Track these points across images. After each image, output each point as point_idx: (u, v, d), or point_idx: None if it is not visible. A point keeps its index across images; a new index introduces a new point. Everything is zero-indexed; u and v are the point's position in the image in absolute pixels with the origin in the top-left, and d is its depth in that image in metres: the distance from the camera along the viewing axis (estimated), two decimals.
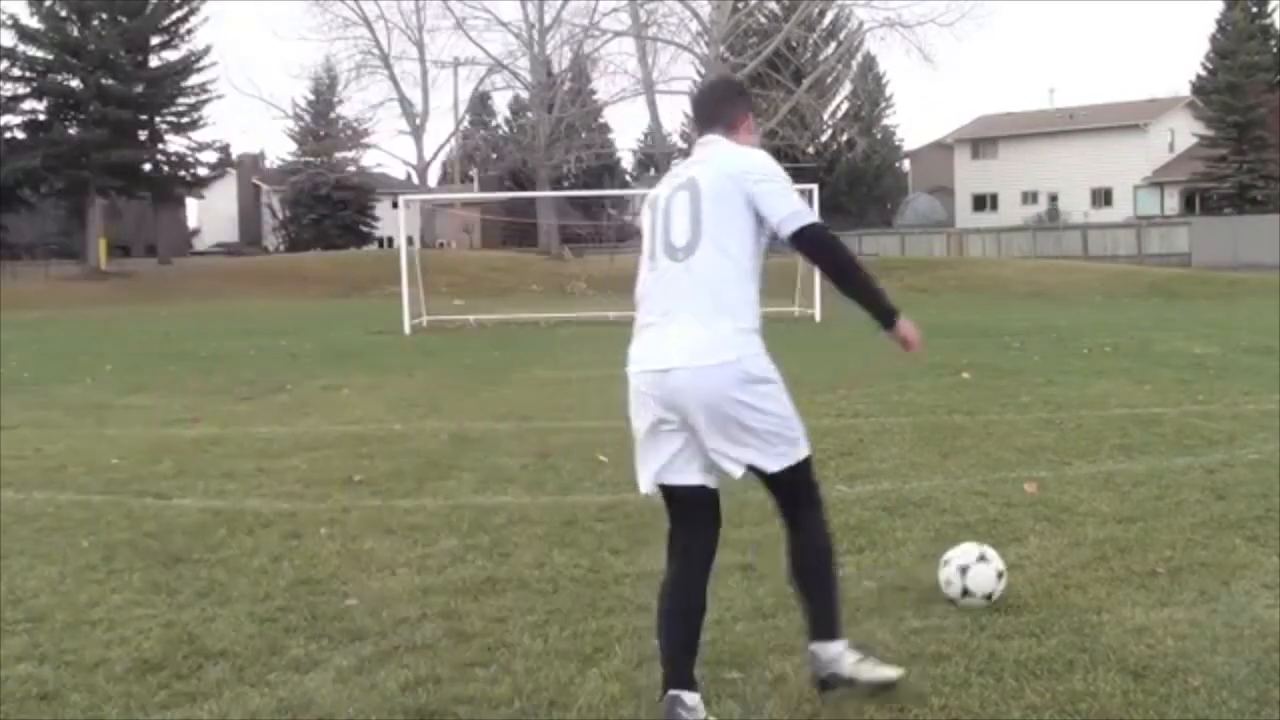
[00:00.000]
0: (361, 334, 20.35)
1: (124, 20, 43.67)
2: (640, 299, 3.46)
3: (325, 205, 56.92)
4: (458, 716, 3.51)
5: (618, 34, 49.51)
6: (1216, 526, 5.42)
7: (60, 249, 51.66)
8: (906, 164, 69.61)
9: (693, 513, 3.42)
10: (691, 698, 3.27)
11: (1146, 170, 55.14)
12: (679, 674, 3.31)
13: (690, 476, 3.36)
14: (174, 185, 47.91)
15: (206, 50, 46.13)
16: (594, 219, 58.48)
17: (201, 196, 56.86)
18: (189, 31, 46.27)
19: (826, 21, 55.08)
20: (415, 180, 56.08)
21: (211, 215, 67.13)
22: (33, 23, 42.70)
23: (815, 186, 24.75)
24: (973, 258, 44.91)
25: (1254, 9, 53.36)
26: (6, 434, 9.02)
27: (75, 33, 43.00)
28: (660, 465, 3.37)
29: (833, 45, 54.54)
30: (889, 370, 12.24)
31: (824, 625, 3.48)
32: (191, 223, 68.48)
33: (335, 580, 4.91)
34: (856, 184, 60.92)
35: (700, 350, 3.28)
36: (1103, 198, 56.05)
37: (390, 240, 56.50)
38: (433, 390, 11.60)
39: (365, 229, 58.85)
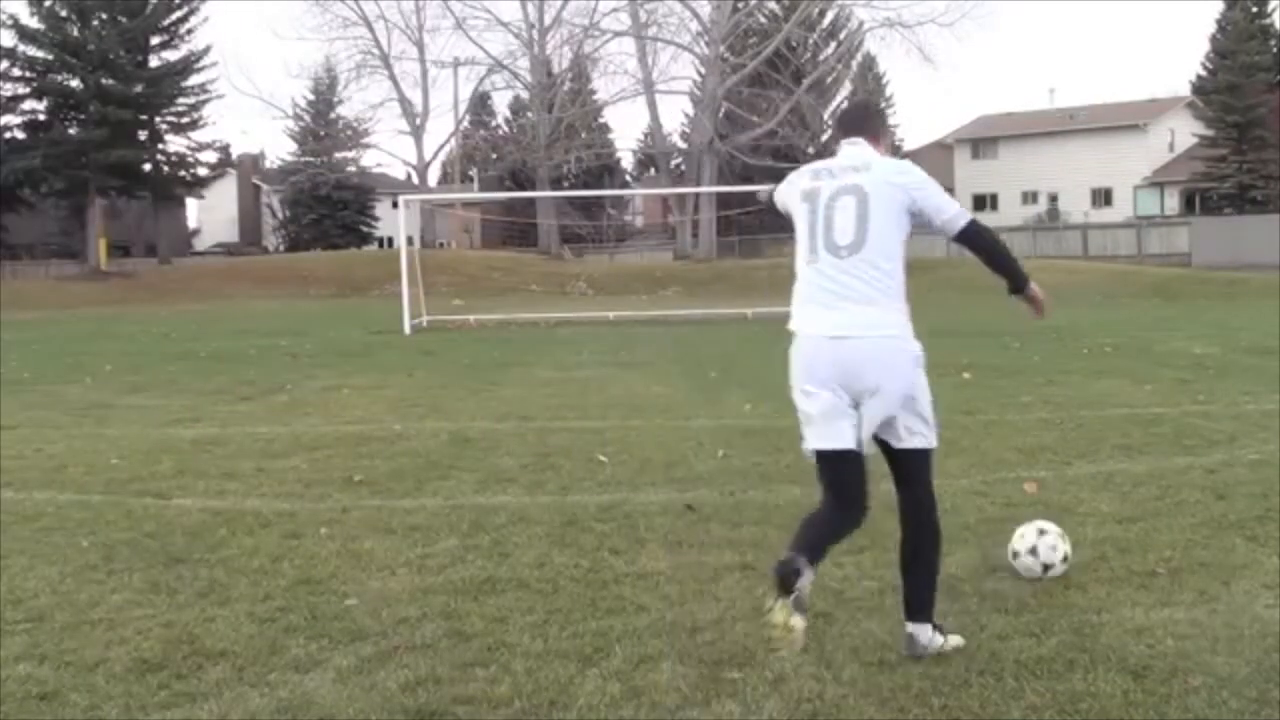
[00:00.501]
0: (361, 334, 20.35)
1: (124, 20, 43.72)
2: (803, 285, 3.91)
3: (325, 205, 56.90)
4: (458, 716, 3.51)
5: (618, 34, 49.63)
6: (1216, 526, 5.42)
7: (60, 249, 51.68)
8: None
9: (841, 472, 3.97)
10: (810, 571, 3.63)
11: (1146, 170, 55.15)
12: (813, 550, 3.71)
13: (832, 440, 3.88)
14: (174, 185, 47.98)
15: (206, 50, 46.26)
16: (594, 219, 58.52)
17: (201, 196, 56.90)
18: (189, 31, 46.39)
19: (826, 21, 55.06)
20: (415, 180, 56.11)
21: (211, 215, 67.12)
22: (33, 23, 42.76)
23: None
24: (973, 258, 44.82)
25: (1254, 9, 53.33)
26: (6, 434, 9.02)
27: (75, 33, 43.03)
28: (820, 432, 3.88)
29: (833, 45, 54.53)
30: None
31: (918, 606, 3.95)
32: (191, 223, 68.46)
33: (335, 580, 4.90)
34: None
35: (879, 326, 3.78)
36: (1103, 198, 56.06)
37: (390, 240, 56.49)
38: (433, 390, 11.60)
39: (365, 229, 58.84)
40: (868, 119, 4.14)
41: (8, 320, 25.82)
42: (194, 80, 46.09)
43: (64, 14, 43.14)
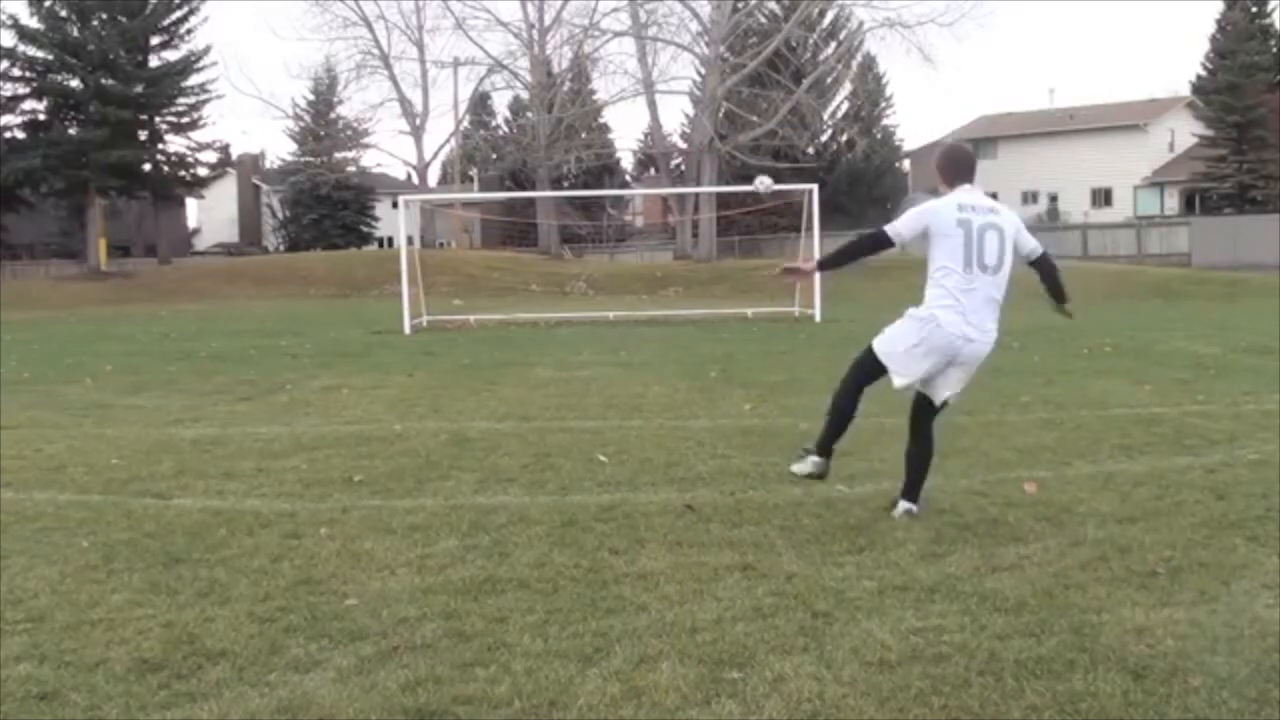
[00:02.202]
0: (361, 334, 20.35)
1: (124, 20, 43.69)
2: (956, 290, 5.48)
3: (325, 205, 56.86)
4: (458, 716, 3.52)
5: (618, 34, 49.54)
6: (1216, 526, 5.42)
7: (60, 249, 51.67)
8: (906, 164, 69.60)
9: (869, 377, 5.81)
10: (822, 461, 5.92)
11: (1146, 170, 55.17)
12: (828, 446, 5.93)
13: (904, 380, 5.68)
14: (174, 185, 47.95)
15: (206, 50, 46.21)
16: (594, 219, 58.46)
17: (201, 196, 56.86)
18: (189, 31, 46.34)
19: (826, 21, 54.99)
20: (415, 180, 56.06)
21: (211, 215, 67.10)
22: (33, 23, 42.73)
23: (815, 187, 24.74)
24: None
25: (1254, 9, 53.35)
26: (6, 434, 9.02)
27: (75, 33, 43.01)
28: (920, 378, 5.65)
29: (833, 45, 54.46)
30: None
31: (913, 488, 5.77)
32: (191, 223, 68.45)
33: (335, 580, 4.90)
34: (856, 184, 60.85)
35: (990, 334, 5.62)
36: (1103, 198, 56.09)
37: (390, 240, 56.48)
38: (433, 390, 11.59)
39: (365, 229, 58.80)
40: (974, 167, 5.80)
41: (8, 320, 25.82)
42: (194, 80, 46.07)
43: (64, 14, 43.11)
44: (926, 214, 5.54)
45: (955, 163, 5.82)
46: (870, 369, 5.73)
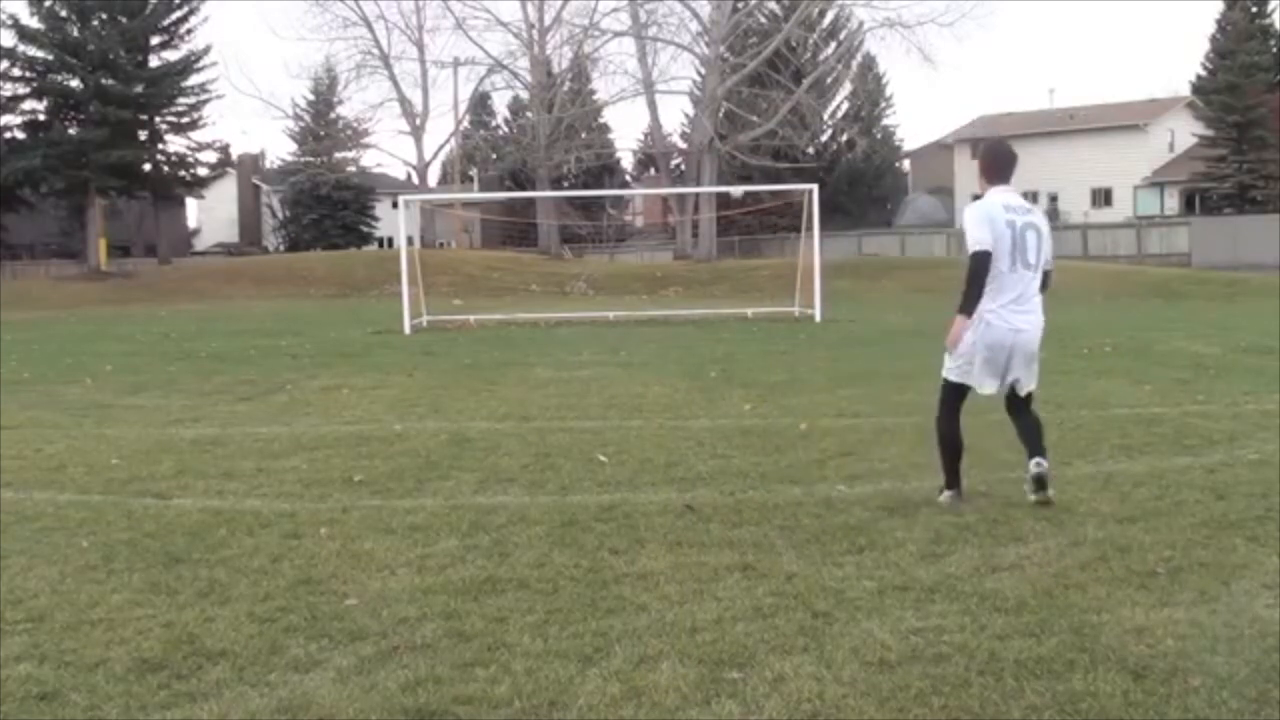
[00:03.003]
0: (361, 334, 20.35)
1: (124, 20, 43.69)
2: (1001, 287, 5.83)
3: (325, 205, 56.83)
4: (458, 716, 3.52)
5: (618, 34, 49.53)
6: (1216, 526, 5.42)
7: (60, 249, 51.68)
8: (906, 164, 69.60)
9: (963, 398, 6.12)
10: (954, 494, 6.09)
11: (1146, 170, 55.15)
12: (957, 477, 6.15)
13: (991, 387, 6.05)
14: (174, 185, 47.95)
15: (206, 50, 46.19)
16: (594, 219, 58.46)
17: (201, 196, 56.86)
18: (189, 31, 46.32)
19: (826, 21, 55.01)
20: (415, 180, 56.06)
21: (211, 215, 67.09)
22: (33, 23, 42.72)
23: (815, 187, 24.74)
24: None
25: (1254, 9, 53.32)
26: (6, 434, 9.02)
27: (75, 33, 43.00)
28: (979, 379, 5.99)
29: (833, 45, 54.48)
30: (888, 370, 12.25)
31: (1035, 448, 6.02)
32: (191, 223, 68.43)
33: (335, 580, 4.90)
34: (856, 184, 60.88)
35: (1037, 322, 5.98)
36: (1103, 198, 56.06)
37: (390, 240, 56.45)
38: (433, 390, 11.59)
39: (365, 229, 58.76)
40: (1014, 168, 6.06)
41: (8, 320, 25.82)
42: (194, 80, 46.04)
43: (64, 14, 43.10)
44: (987, 219, 5.82)
45: (998, 162, 6.09)
46: (955, 396, 6.11)
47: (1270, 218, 42.46)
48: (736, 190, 21.53)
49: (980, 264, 5.80)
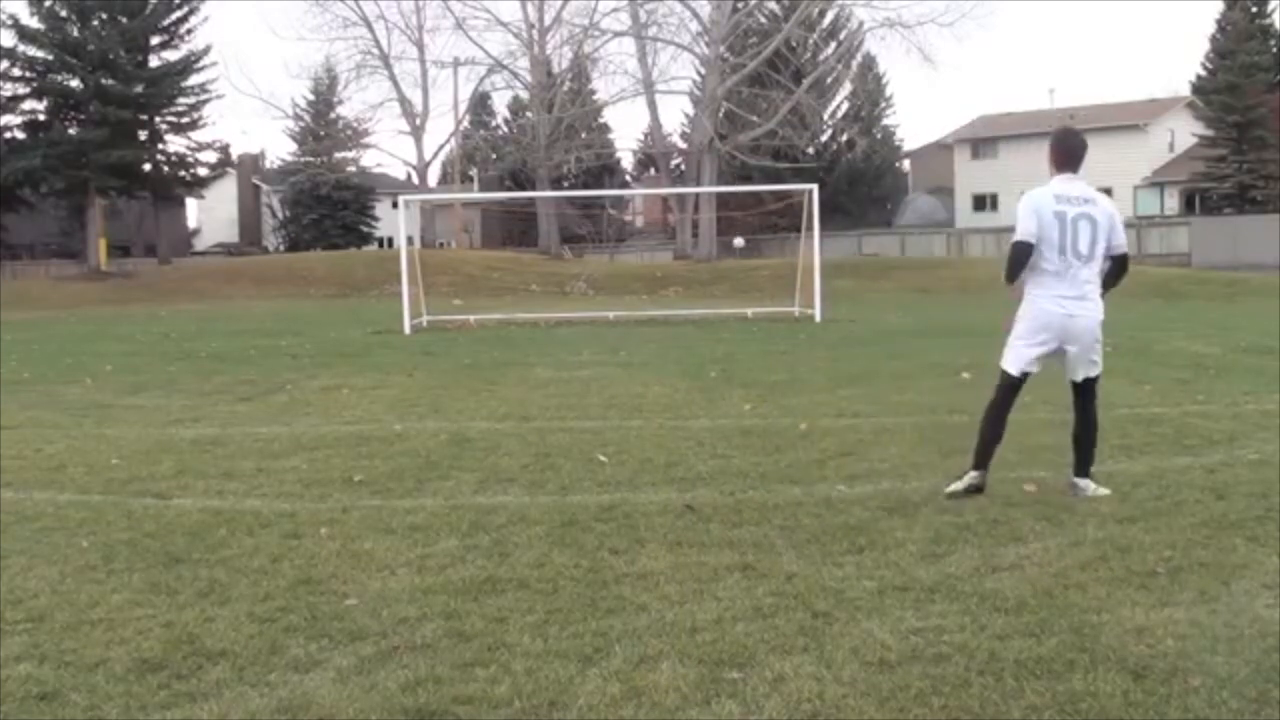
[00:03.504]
0: (361, 334, 20.35)
1: (124, 20, 43.69)
2: (1053, 277, 5.98)
3: (325, 205, 56.82)
4: (458, 716, 3.52)
5: (618, 34, 49.57)
6: (1216, 526, 5.42)
7: (60, 249, 51.67)
8: (906, 164, 69.59)
9: (1019, 387, 6.28)
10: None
11: (1146, 170, 55.14)
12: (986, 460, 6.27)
13: (1034, 366, 6.19)
14: (174, 185, 47.96)
15: (206, 50, 46.20)
16: (594, 219, 58.46)
17: (201, 196, 56.85)
18: (189, 31, 46.33)
19: (826, 21, 55.02)
20: (415, 180, 56.09)
21: (211, 215, 67.07)
22: (33, 23, 42.72)
23: (815, 187, 24.74)
24: (973, 258, 44.90)
25: (1254, 9, 53.31)
26: (6, 434, 9.02)
27: (75, 33, 43.00)
28: (1030, 361, 6.15)
29: (833, 45, 54.49)
30: (888, 370, 12.25)
31: (1083, 466, 6.21)
32: (191, 223, 68.41)
33: (335, 580, 4.90)
34: (856, 184, 60.88)
35: (1092, 310, 6.03)
36: None
37: (390, 240, 56.44)
38: (433, 390, 11.59)
39: (365, 229, 58.75)
40: (1081, 157, 6.07)
41: (8, 320, 25.82)
42: (194, 80, 46.05)
43: (64, 14, 43.09)
44: (1034, 211, 5.95)
45: (1065, 150, 6.12)
46: (1011, 388, 6.27)
47: (1270, 218, 42.44)
48: (739, 241, 22.43)
49: (1017, 253, 6.01)
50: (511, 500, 6.36)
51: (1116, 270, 6.14)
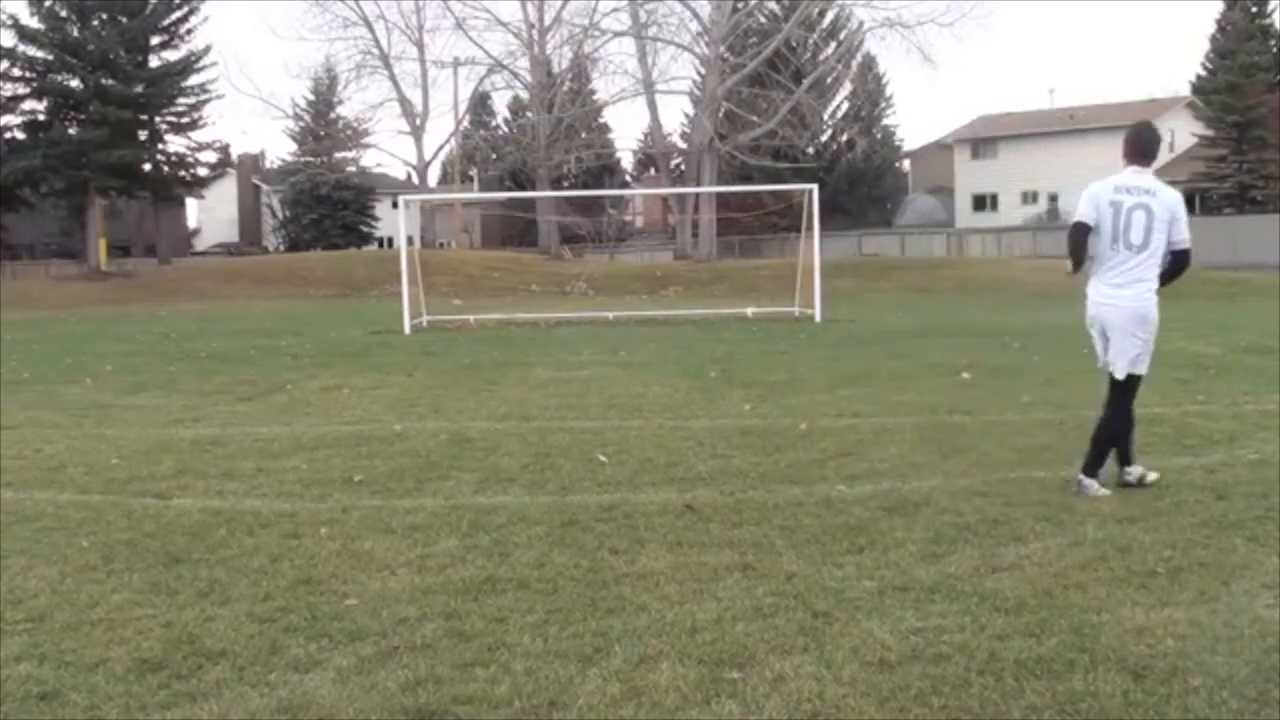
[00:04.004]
0: (361, 334, 20.34)
1: (124, 20, 43.65)
2: (1104, 265, 6.09)
3: (325, 205, 56.82)
4: (458, 716, 3.52)
5: (618, 34, 49.51)
6: (1216, 526, 5.42)
7: (60, 249, 51.65)
8: (906, 164, 69.61)
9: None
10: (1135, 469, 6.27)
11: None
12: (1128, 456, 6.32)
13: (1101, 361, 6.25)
14: (174, 185, 47.91)
15: (206, 50, 46.15)
16: (594, 219, 58.46)
17: (201, 196, 56.82)
18: (189, 31, 46.27)
19: (826, 21, 55.02)
20: (415, 180, 56.06)
21: (211, 215, 67.07)
22: (33, 23, 42.67)
23: (815, 187, 24.74)
24: (973, 258, 44.93)
25: (1254, 9, 53.30)
26: (6, 434, 9.02)
27: (75, 33, 42.97)
28: (1100, 351, 6.23)
29: (833, 45, 54.49)
30: (888, 370, 12.25)
31: (1089, 464, 6.18)
32: (191, 223, 68.41)
33: (335, 580, 4.91)
34: (856, 184, 60.91)
35: (1130, 298, 6.04)
36: None
37: (390, 240, 56.44)
38: (433, 390, 11.59)
39: (365, 229, 58.76)
40: (1155, 148, 6.21)
41: (8, 320, 25.81)
42: (194, 80, 45.99)
43: (64, 14, 43.05)
44: (1093, 199, 6.10)
45: (1132, 143, 6.24)
46: (1105, 377, 6.34)
47: (1270, 218, 42.44)
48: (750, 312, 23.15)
49: (1072, 232, 6.16)
50: (511, 500, 6.36)
51: (1175, 266, 6.12)
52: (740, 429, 8.63)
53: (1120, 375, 6.13)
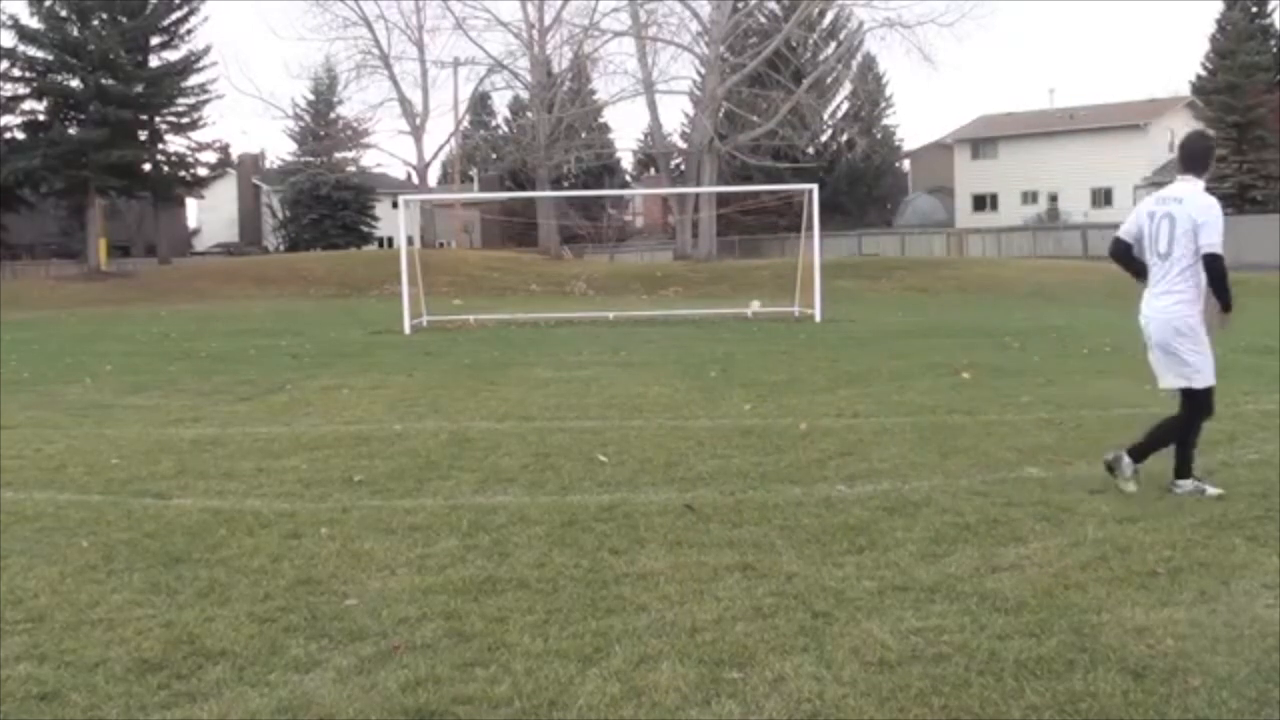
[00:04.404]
0: (361, 334, 20.35)
1: (124, 20, 43.63)
2: (1150, 279, 6.16)
3: (325, 205, 56.83)
4: (458, 716, 3.52)
5: (618, 34, 49.46)
6: (1216, 526, 5.42)
7: (60, 249, 51.65)
8: (906, 164, 69.60)
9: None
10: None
11: (1146, 170, 55.10)
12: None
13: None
14: (174, 185, 47.88)
15: (206, 50, 46.16)
16: (594, 219, 58.44)
17: (201, 196, 56.83)
18: (189, 31, 46.28)
19: (826, 21, 55.02)
20: (415, 180, 56.03)
21: (211, 215, 67.09)
22: (33, 23, 42.66)
23: (815, 187, 24.74)
24: (973, 258, 44.92)
25: (1254, 9, 53.25)
26: (6, 434, 9.02)
27: (75, 33, 42.95)
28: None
29: (833, 45, 54.49)
30: (888, 370, 12.24)
31: (1137, 452, 6.19)
32: (191, 223, 68.43)
33: (335, 580, 4.91)
34: (856, 184, 60.90)
35: (1160, 309, 6.08)
36: (1103, 198, 56.06)
37: (390, 240, 56.45)
38: (433, 390, 11.59)
39: (365, 229, 58.78)
40: (1207, 158, 6.22)
41: (8, 320, 25.82)
42: (194, 80, 46.00)
43: (64, 14, 43.03)
44: (1136, 209, 6.32)
45: (1182, 151, 6.30)
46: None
47: (1270, 218, 42.43)
48: (753, 307, 23.25)
49: (1110, 248, 6.41)
50: (511, 500, 6.36)
51: (1207, 274, 5.95)
52: (740, 429, 8.63)
53: (1162, 388, 6.25)
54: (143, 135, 45.33)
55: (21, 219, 47.59)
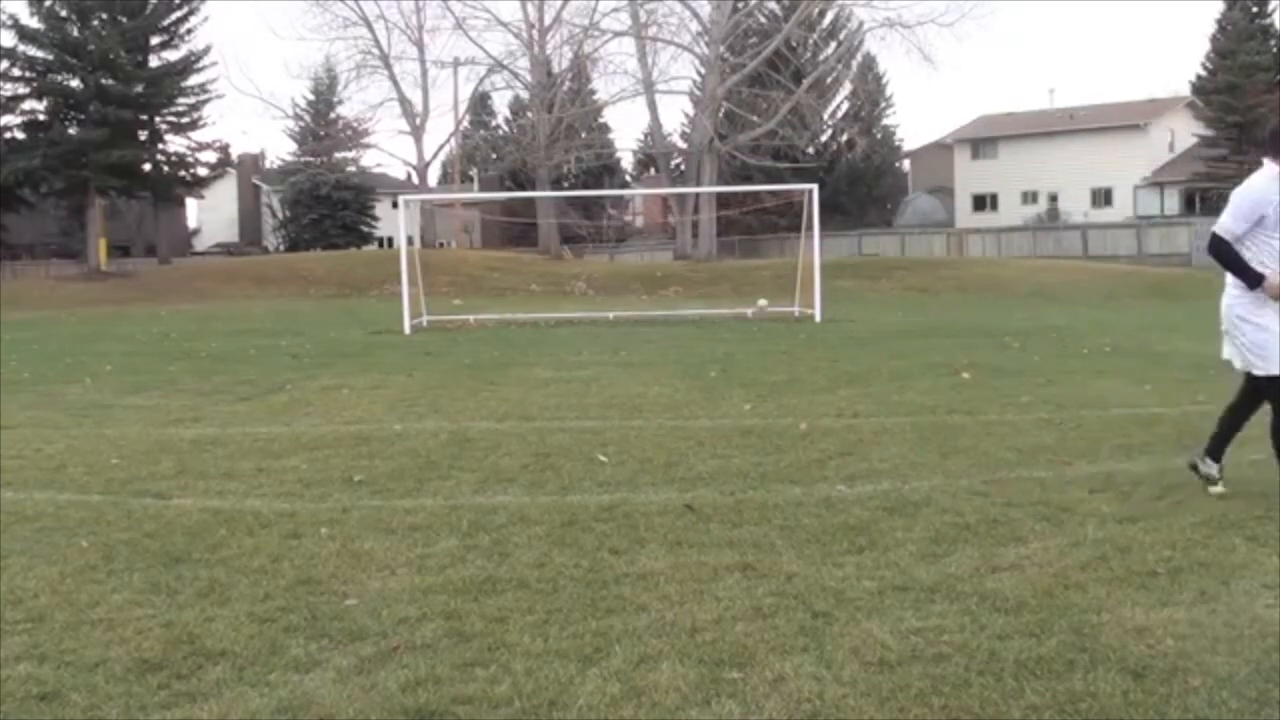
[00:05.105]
0: (361, 334, 20.35)
1: (124, 20, 43.64)
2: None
3: (325, 205, 56.84)
4: (458, 716, 3.52)
5: (618, 34, 49.47)
6: (1216, 526, 5.42)
7: (60, 249, 51.67)
8: (906, 164, 69.60)
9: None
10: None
11: (1146, 170, 55.15)
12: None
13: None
14: (174, 185, 47.90)
15: (206, 50, 46.19)
16: (594, 219, 58.46)
17: (201, 196, 56.85)
18: (189, 31, 46.30)
19: (826, 21, 55.02)
20: (415, 180, 56.04)
21: (211, 215, 67.11)
22: (33, 23, 42.67)
23: (815, 187, 24.75)
24: (973, 258, 44.91)
25: (1254, 9, 53.26)
26: (6, 434, 9.02)
27: (75, 33, 42.96)
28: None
29: (833, 45, 54.49)
30: (888, 370, 12.24)
31: (1215, 447, 6.21)
32: (191, 223, 68.45)
33: (335, 580, 4.91)
34: (856, 184, 60.88)
35: (1225, 291, 6.05)
36: (1103, 198, 56.07)
37: (390, 240, 56.47)
38: (433, 390, 11.59)
39: (365, 229, 58.79)
40: (1268, 143, 5.97)
41: (7, 320, 25.82)
42: (194, 80, 46.02)
43: (64, 14, 43.04)
44: (1260, 203, 5.87)
45: (1271, 138, 6.09)
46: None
47: None
48: (759, 306, 23.34)
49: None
50: (511, 500, 6.36)
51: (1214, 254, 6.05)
52: (740, 429, 8.63)
53: (1237, 367, 6.16)
54: (143, 135, 45.34)
55: (21, 219, 47.61)
